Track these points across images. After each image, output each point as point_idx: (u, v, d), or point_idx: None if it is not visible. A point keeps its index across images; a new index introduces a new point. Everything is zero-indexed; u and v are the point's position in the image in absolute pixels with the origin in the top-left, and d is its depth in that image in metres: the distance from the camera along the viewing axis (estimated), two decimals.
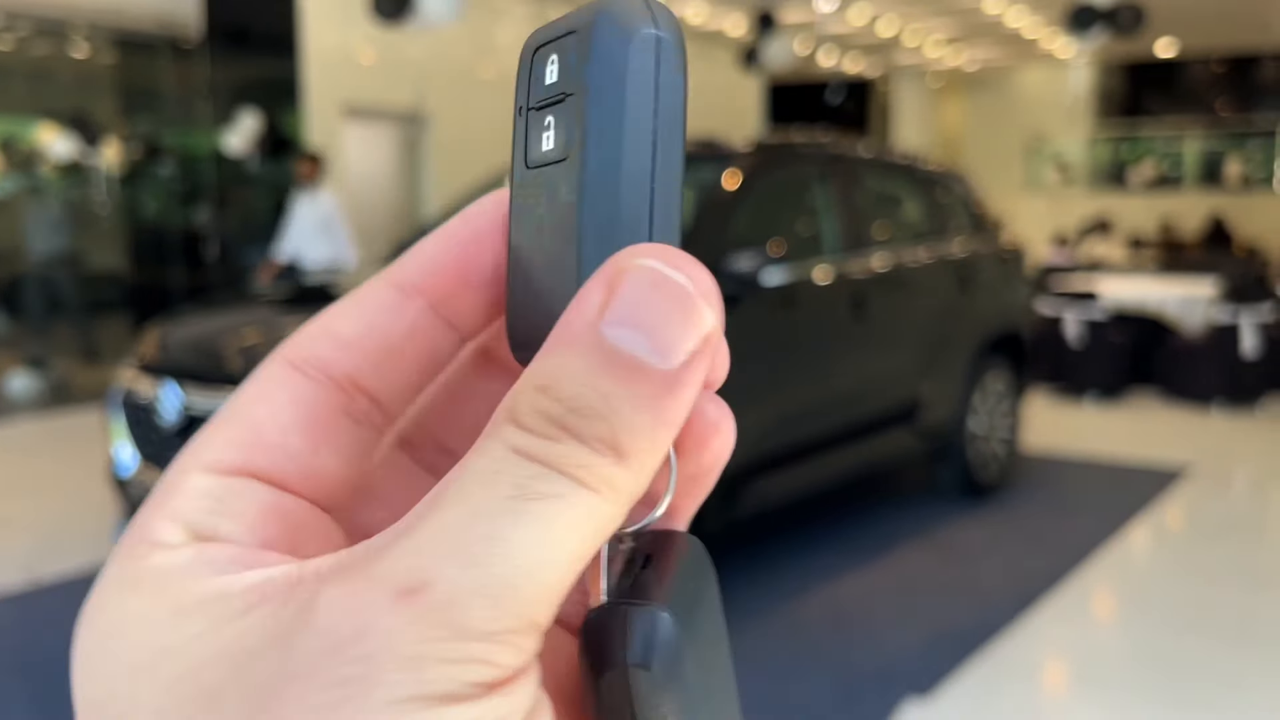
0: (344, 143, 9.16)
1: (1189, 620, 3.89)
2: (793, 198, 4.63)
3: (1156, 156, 16.59)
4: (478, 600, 0.21)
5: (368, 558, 0.22)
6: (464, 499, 0.22)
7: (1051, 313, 7.88)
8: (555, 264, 0.25)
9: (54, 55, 8.37)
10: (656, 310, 0.23)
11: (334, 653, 0.21)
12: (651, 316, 0.23)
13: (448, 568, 0.21)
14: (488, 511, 0.21)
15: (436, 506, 0.22)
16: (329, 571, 0.22)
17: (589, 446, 0.22)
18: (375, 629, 0.21)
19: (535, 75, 0.27)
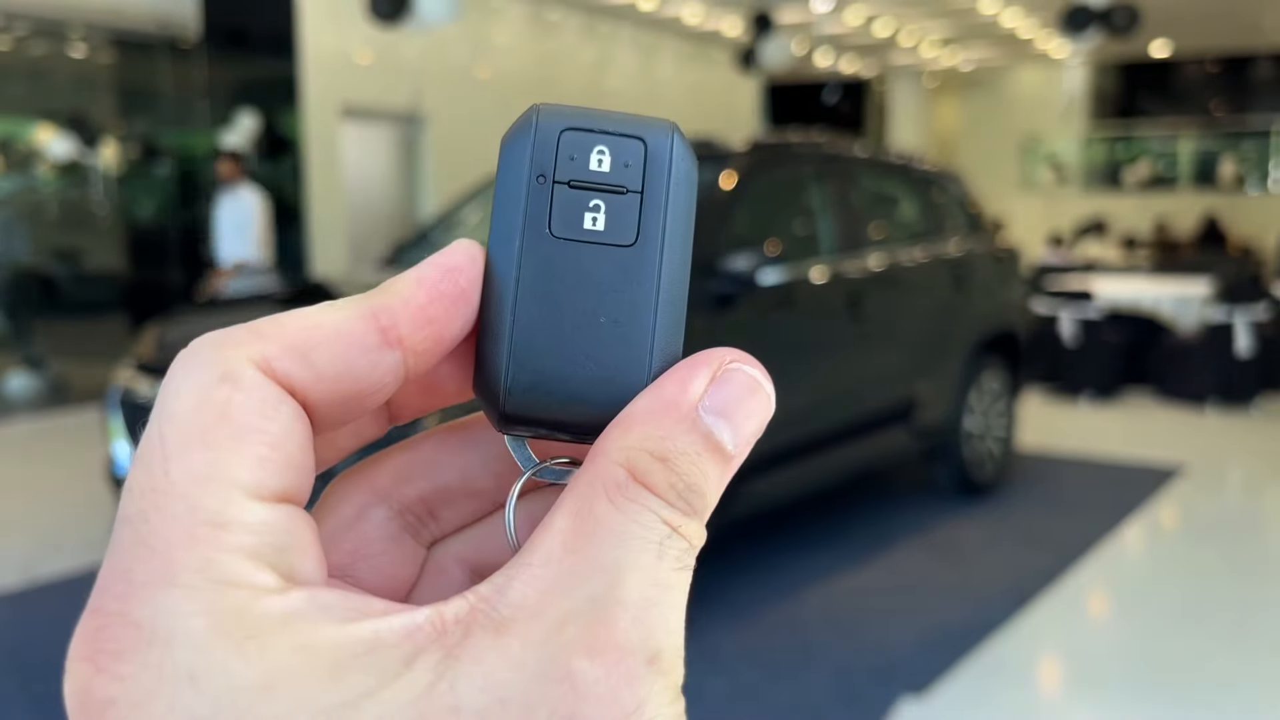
0: (341, 143, 9.17)
1: (1184, 618, 3.91)
2: (789, 198, 4.64)
3: (1151, 157, 16.62)
4: (678, 665, 0.25)
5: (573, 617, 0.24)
6: (644, 569, 0.25)
7: (1047, 312, 7.90)
8: (605, 335, 0.28)
9: (52, 55, 8.37)
10: (747, 411, 0.28)
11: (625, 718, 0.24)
12: (741, 415, 0.27)
13: (665, 639, 0.25)
14: (667, 585, 0.25)
15: (623, 568, 0.25)
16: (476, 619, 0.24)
17: (697, 523, 0.26)
18: (651, 699, 0.24)
19: (569, 155, 0.29)
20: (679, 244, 0.29)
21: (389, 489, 0.31)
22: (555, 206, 0.28)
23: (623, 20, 12.18)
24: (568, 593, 0.24)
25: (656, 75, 12.97)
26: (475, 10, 9.92)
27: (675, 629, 0.25)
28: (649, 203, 0.29)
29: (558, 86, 11.30)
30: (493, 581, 0.25)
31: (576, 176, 0.29)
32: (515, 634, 0.23)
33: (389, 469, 0.31)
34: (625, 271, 0.28)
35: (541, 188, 0.28)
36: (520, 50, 10.89)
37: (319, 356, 0.26)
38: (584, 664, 0.23)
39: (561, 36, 11.44)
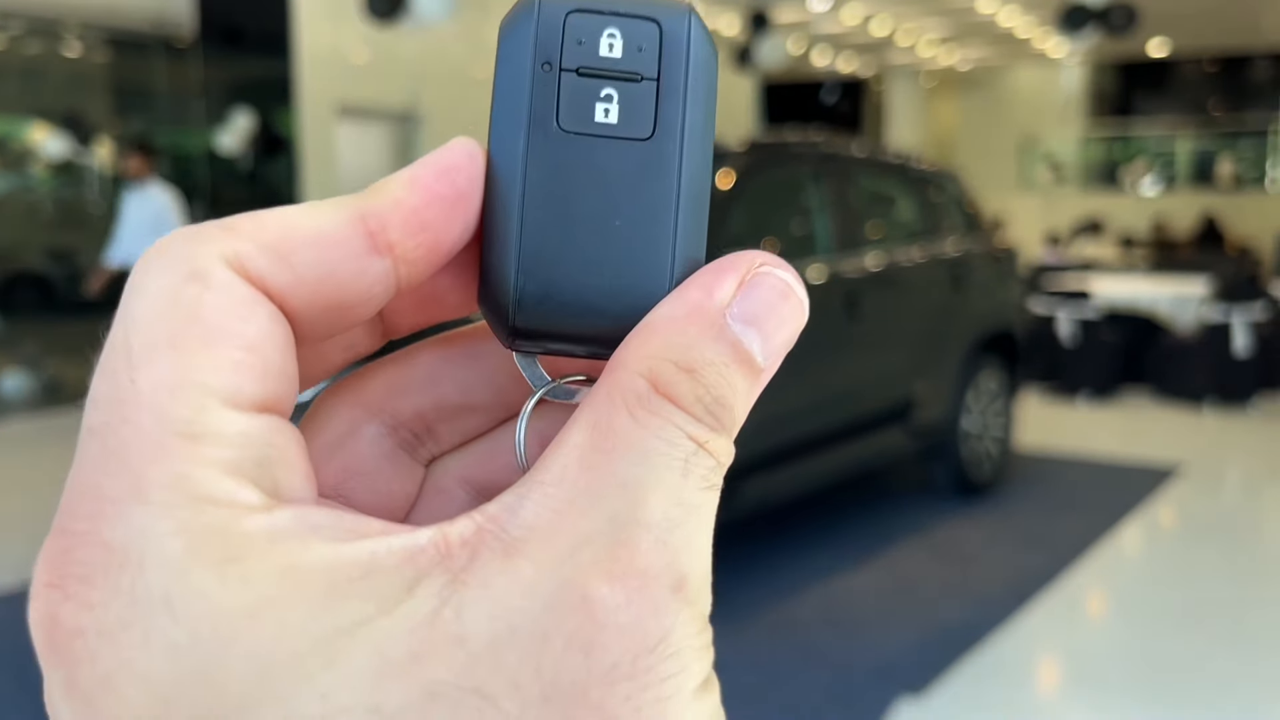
0: (337, 142, 9.16)
1: (1182, 618, 3.90)
2: (787, 197, 4.64)
3: (1149, 156, 16.65)
4: (706, 590, 0.23)
5: (590, 539, 0.22)
6: (666, 484, 0.23)
7: (1045, 312, 7.91)
8: (622, 239, 0.26)
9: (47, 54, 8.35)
10: (775, 315, 0.26)
11: (649, 651, 0.22)
12: (772, 324, 0.26)
13: (694, 563, 0.23)
14: (695, 505, 0.23)
15: (646, 485, 0.23)
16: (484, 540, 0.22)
17: (726, 439, 0.24)
18: (677, 626, 0.22)
19: (576, 39, 0.26)
20: (700, 137, 0.27)
21: (382, 403, 0.28)
22: (563, 97, 0.26)
23: None
24: (584, 512, 0.22)
25: None
26: (472, 9, 9.91)
27: (702, 553, 0.23)
28: (666, 91, 0.27)
29: None
30: (502, 500, 0.23)
31: (586, 63, 0.26)
32: (527, 556, 0.21)
33: (382, 382, 0.28)
34: (642, 168, 0.26)
35: (547, 76, 0.26)
36: None
37: (299, 259, 0.23)
38: (603, 589, 0.21)
39: None
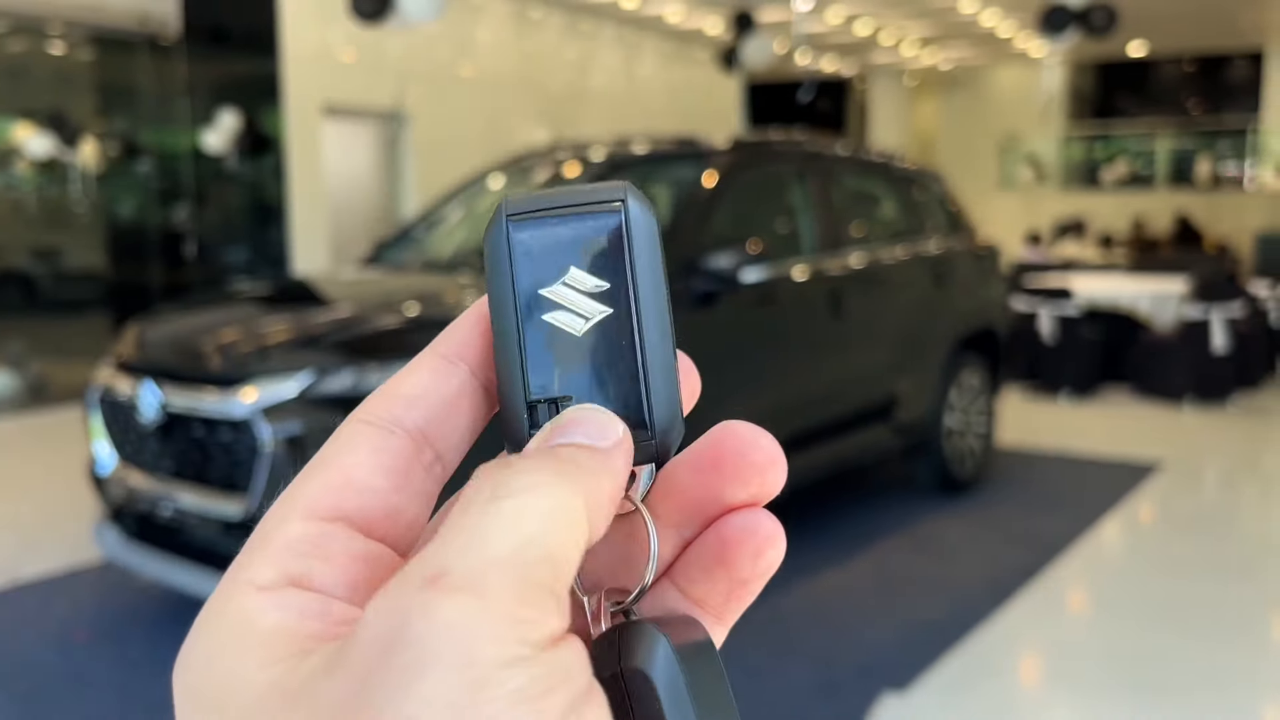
0: (323, 141, 9.14)
1: (1161, 613, 3.95)
2: (771, 196, 4.67)
3: (1128, 156, 16.74)
4: (491, 572, 0.24)
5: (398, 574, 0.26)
6: (453, 521, 0.26)
7: (1026, 310, 7.96)
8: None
9: (31, 53, 8.31)
10: (583, 422, 0.30)
11: (387, 649, 0.23)
12: (580, 426, 0.30)
13: (458, 556, 0.24)
14: (475, 518, 0.25)
15: (439, 534, 0.26)
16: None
17: (545, 459, 0.28)
18: (413, 614, 0.23)
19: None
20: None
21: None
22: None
23: (605, 19, 12.18)
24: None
25: (638, 74, 12.98)
26: (458, 8, 9.90)
27: (476, 546, 0.24)
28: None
29: (540, 85, 11.29)
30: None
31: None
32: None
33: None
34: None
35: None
36: (503, 49, 10.87)
37: (403, 388, 0.32)
38: (371, 604, 0.24)
39: (544, 35, 11.43)
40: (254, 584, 0.27)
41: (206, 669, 0.26)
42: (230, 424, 3.21)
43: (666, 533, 0.33)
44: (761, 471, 0.32)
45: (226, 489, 3.25)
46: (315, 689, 0.24)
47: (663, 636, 0.29)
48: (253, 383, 3.19)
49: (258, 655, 0.26)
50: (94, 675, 3.34)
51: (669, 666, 0.29)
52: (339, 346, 3.30)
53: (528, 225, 0.32)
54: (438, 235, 4.87)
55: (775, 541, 0.33)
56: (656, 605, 0.33)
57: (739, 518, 0.33)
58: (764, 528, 0.33)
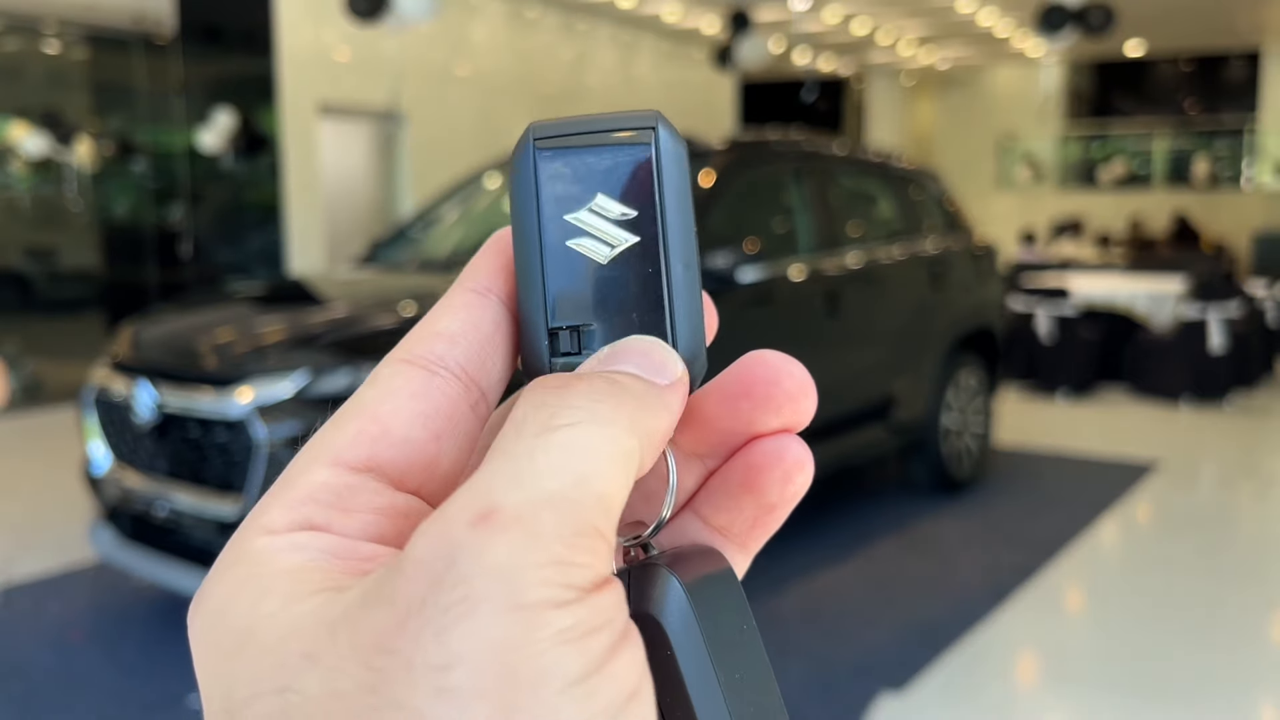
0: (319, 141, 9.12)
1: (1158, 612, 3.95)
2: (768, 196, 4.66)
3: (1126, 155, 16.76)
4: (543, 512, 0.24)
5: (441, 507, 0.25)
6: (502, 448, 0.25)
7: (1024, 310, 7.96)
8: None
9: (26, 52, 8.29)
10: (638, 354, 0.29)
11: (436, 585, 0.23)
12: (636, 357, 0.29)
13: (508, 493, 0.24)
14: (527, 449, 0.25)
15: (486, 459, 0.25)
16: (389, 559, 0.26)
17: (598, 386, 0.27)
18: (464, 554, 0.23)
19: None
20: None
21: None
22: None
23: (601, 18, 12.18)
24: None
25: (634, 73, 12.98)
26: (453, 8, 9.89)
27: (529, 481, 0.24)
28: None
29: (536, 84, 11.29)
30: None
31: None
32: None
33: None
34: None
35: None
36: (499, 48, 10.86)
37: (442, 324, 0.31)
38: (413, 543, 0.24)
39: (540, 34, 11.42)
40: (270, 529, 0.27)
41: (222, 612, 0.26)
42: (226, 424, 3.20)
43: (689, 463, 0.33)
44: (793, 398, 0.31)
45: (222, 489, 3.24)
46: (356, 620, 0.23)
47: (674, 579, 0.29)
48: (248, 382, 3.18)
49: (281, 593, 0.25)
50: (89, 676, 3.33)
51: (681, 611, 0.28)
52: (335, 346, 3.29)
53: (555, 151, 0.31)
54: (434, 234, 4.86)
55: (804, 466, 0.32)
56: (676, 535, 0.33)
57: (768, 442, 0.32)
58: (793, 451, 0.32)
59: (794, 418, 0.32)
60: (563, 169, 0.31)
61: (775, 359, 0.32)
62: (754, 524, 0.32)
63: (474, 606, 0.22)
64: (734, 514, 0.32)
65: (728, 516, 0.32)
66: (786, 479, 0.32)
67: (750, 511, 0.32)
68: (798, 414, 0.32)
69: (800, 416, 0.32)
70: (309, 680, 0.23)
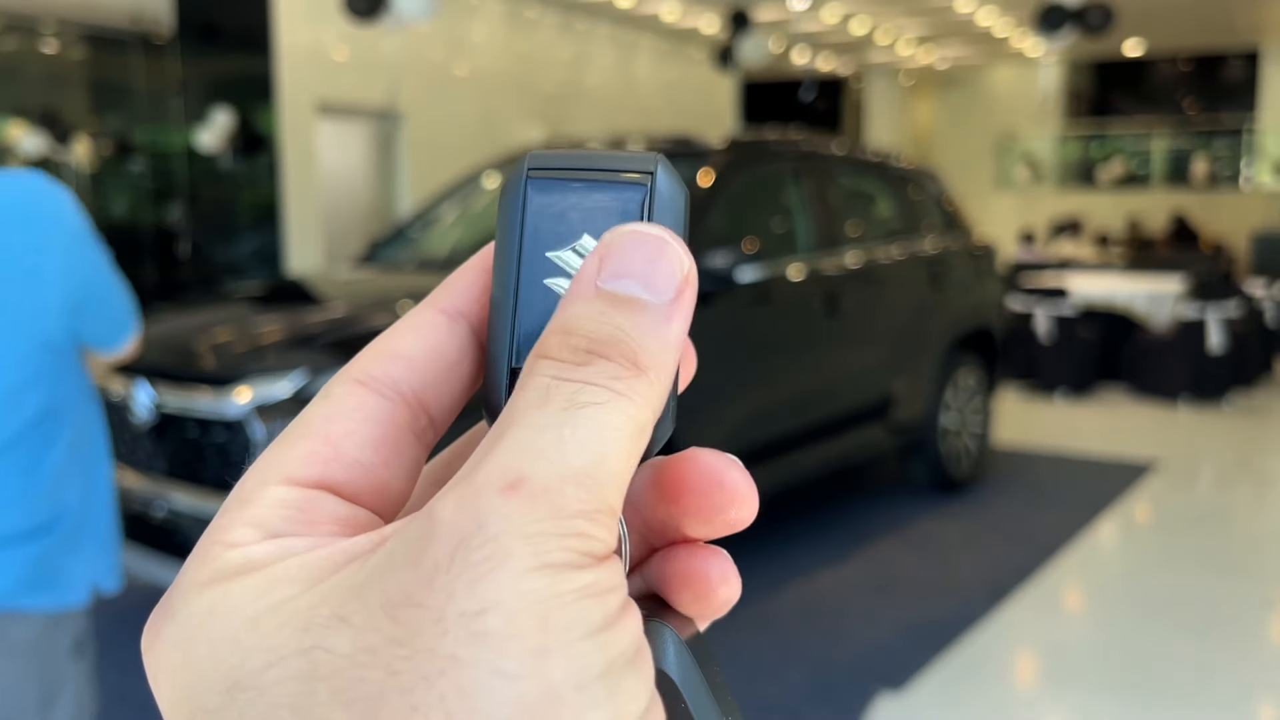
0: (318, 140, 9.12)
1: (1157, 612, 3.95)
2: (767, 195, 4.66)
3: (1125, 155, 16.76)
4: (568, 486, 0.25)
5: (463, 475, 0.25)
6: (527, 421, 0.26)
7: (1022, 309, 7.96)
8: None
9: (24, 51, 8.28)
10: (643, 259, 0.28)
11: (464, 545, 0.24)
12: (639, 265, 0.28)
13: (538, 465, 0.25)
14: (553, 422, 0.25)
15: (507, 429, 0.26)
16: (404, 527, 0.25)
17: (616, 363, 0.27)
18: (493, 517, 0.24)
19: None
20: None
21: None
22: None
23: (600, 17, 12.17)
24: (461, 473, 0.26)
25: (634, 73, 12.97)
26: (452, 7, 9.89)
27: (556, 456, 0.25)
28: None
29: (535, 84, 11.28)
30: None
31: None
32: (418, 513, 0.26)
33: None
34: None
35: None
36: (497, 47, 10.86)
37: (402, 346, 0.30)
38: (440, 505, 0.24)
39: (539, 34, 11.42)
40: (233, 544, 0.27)
41: (212, 611, 0.26)
42: (224, 424, 3.20)
43: (635, 535, 0.32)
44: (724, 511, 0.30)
45: (220, 489, 3.23)
46: (384, 579, 0.24)
47: (670, 631, 0.29)
48: (247, 382, 3.18)
49: (297, 579, 0.25)
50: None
51: (683, 663, 0.29)
52: (333, 346, 3.29)
53: (547, 184, 0.30)
54: (432, 234, 4.86)
55: (726, 581, 0.31)
56: (637, 588, 0.32)
57: (686, 559, 0.31)
58: (713, 571, 0.31)
59: (725, 529, 0.30)
60: (552, 204, 0.30)
61: (710, 463, 0.30)
62: (693, 613, 0.32)
63: (504, 561, 0.24)
64: (672, 599, 0.32)
65: (671, 599, 0.32)
66: (707, 595, 0.31)
67: (684, 605, 0.32)
68: (729, 526, 0.30)
69: (732, 528, 0.30)
70: (339, 639, 0.24)
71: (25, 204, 1.73)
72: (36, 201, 1.74)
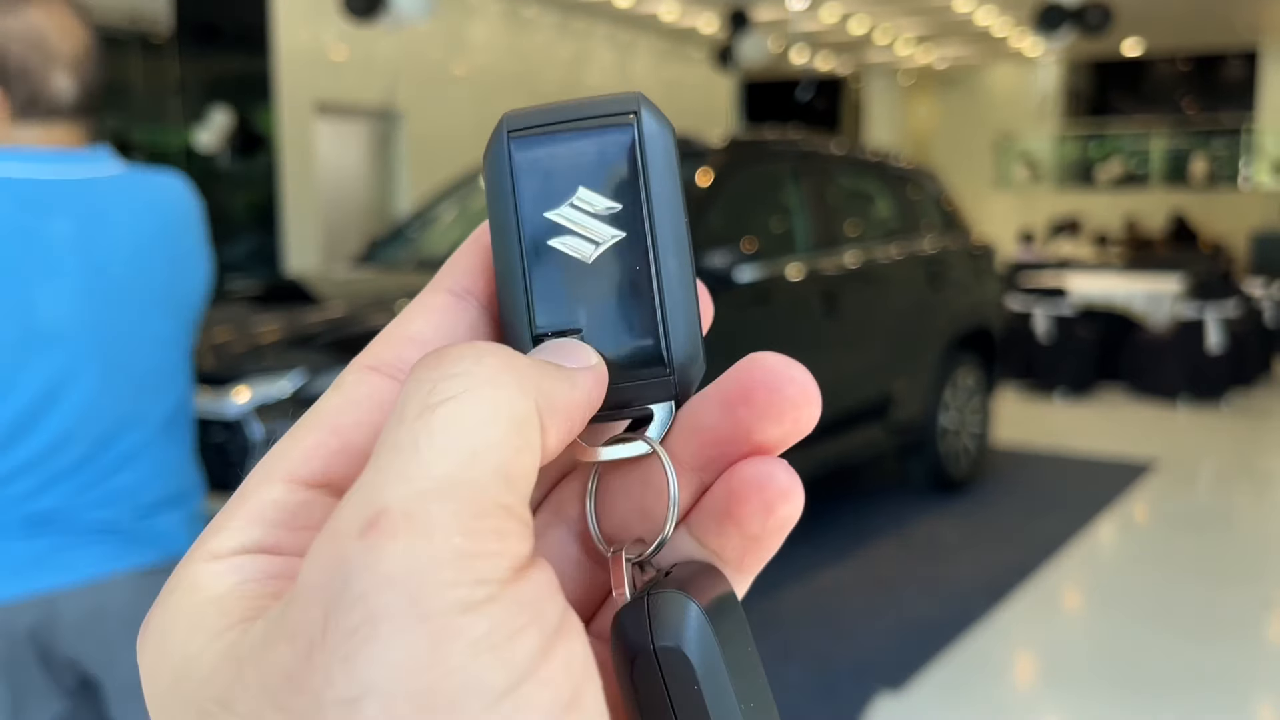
0: (316, 139, 9.11)
1: (1156, 613, 3.94)
2: (766, 195, 4.65)
3: (1123, 155, 16.76)
4: (433, 503, 0.21)
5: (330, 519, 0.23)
6: (384, 441, 0.23)
7: (1021, 309, 7.96)
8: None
9: None
10: (560, 345, 0.28)
11: (334, 610, 0.20)
12: (554, 349, 0.28)
13: (394, 490, 0.21)
14: (408, 435, 0.22)
15: (372, 456, 0.23)
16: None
17: (475, 352, 0.24)
18: (357, 570, 0.20)
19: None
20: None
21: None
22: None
23: (599, 17, 12.17)
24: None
25: (633, 72, 12.97)
26: (450, 7, 9.88)
27: (414, 472, 0.21)
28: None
29: (534, 83, 11.28)
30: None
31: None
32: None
33: None
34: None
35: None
36: (496, 47, 10.86)
37: (413, 328, 0.29)
38: (305, 566, 0.22)
39: (537, 33, 11.42)
40: (214, 553, 0.25)
41: (160, 643, 0.24)
42: (222, 424, 3.19)
43: (686, 477, 0.30)
44: (796, 405, 0.29)
45: (218, 490, 3.22)
46: (261, 657, 0.21)
47: (694, 604, 0.27)
48: (245, 382, 3.17)
49: (207, 627, 0.23)
50: None
51: (705, 641, 0.27)
52: (332, 346, 3.29)
53: (531, 142, 0.29)
54: (431, 233, 4.85)
55: (790, 495, 0.29)
56: (670, 552, 0.30)
57: (750, 468, 0.29)
58: (778, 480, 0.29)
59: (795, 427, 0.29)
60: (540, 162, 0.29)
61: (777, 362, 0.29)
62: (744, 552, 0.30)
63: (376, 627, 0.20)
64: (722, 540, 0.30)
65: (718, 542, 0.30)
66: (768, 510, 0.29)
67: (736, 540, 0.30)
68: (800, 422, 0.29)
69: (802, 425, 0.29)
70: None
71: (191, 203, 1.93)
72: (194, 203, 1.94)
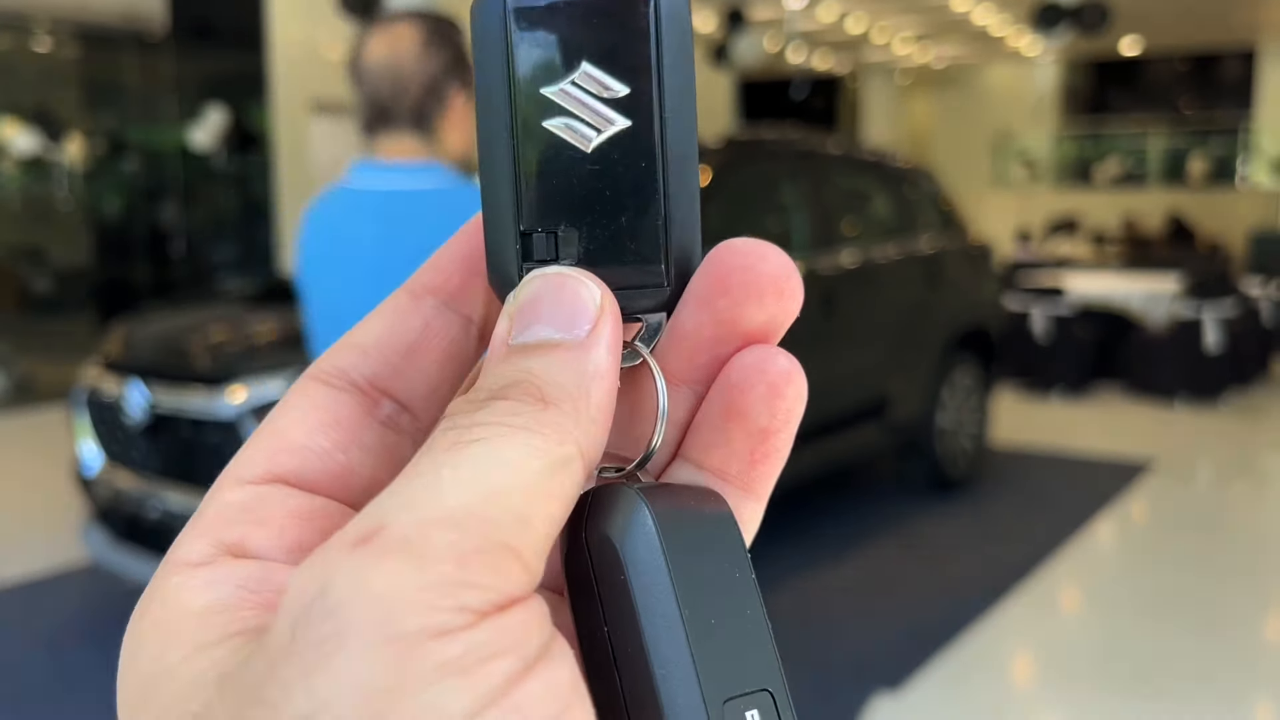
0: (311, 139, 9.09)
1: (1154, 611, 3.94)
2: (763, 194, 4.65)
3: (1121, 154, 16.77)
4: (435, 530, 0.21)
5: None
6: (411, 469, 0.22)
7: (1019, 308, 7.95)
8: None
9: (16, 49, 8.25)
10: (548, 302, 0.25)
11: (304, 618, 0.20)
12: (545, 309, 0.25)
13: (400, 513, 0.21)
14: (431, 465, 0.22)
15: (392, 484, 0.23)
16: None
17: (515, 401, 0.24)
18: (338, 579, 0.20)
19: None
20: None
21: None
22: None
23: None
24: None
25: None
26: (446, 6, 9.86)
27: (427, 499, 0.21)
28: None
29: None
30: None
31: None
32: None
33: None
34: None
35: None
36: None
37: (358, 336, 0.29)
38: (292, 575, 0.21)
39: None
40: (186, 561, 0.25)
41: (134, 657, 0.24)
42: (218, 424, 3.18)
43: (679, 393, 0.28)
44: (776, 281, 0.27)
45: None
46: (240, 671, 0.21)
47: (641, 499, 0.25)
48: (241, 382, 3.16)
49: (186, 641, 0.23)
50: (80, 678, 3.31)
51: (644, 536, 0.24)
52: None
53: (531, 10, 0.26)
54: None
55: (792, 377, 0.28)
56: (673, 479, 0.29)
57: (748, 355, 0.27)
58: (777, 363, 0.27)
59: (780, 305, 0.27)
60: (540, 33, 0.26)
61: (745, 244, 0.27)
62: (751, 459, 0.28)
63: (342, 642, 0.19)
64: (726, 450, 0.28)
65: (720, 454, 0.28)
66: (774, 393, 0.27)
67: (742, 443, 0.28)
68: (784, 301, 0.27)
69: (788, 304, 0.27)
70: None
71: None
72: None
